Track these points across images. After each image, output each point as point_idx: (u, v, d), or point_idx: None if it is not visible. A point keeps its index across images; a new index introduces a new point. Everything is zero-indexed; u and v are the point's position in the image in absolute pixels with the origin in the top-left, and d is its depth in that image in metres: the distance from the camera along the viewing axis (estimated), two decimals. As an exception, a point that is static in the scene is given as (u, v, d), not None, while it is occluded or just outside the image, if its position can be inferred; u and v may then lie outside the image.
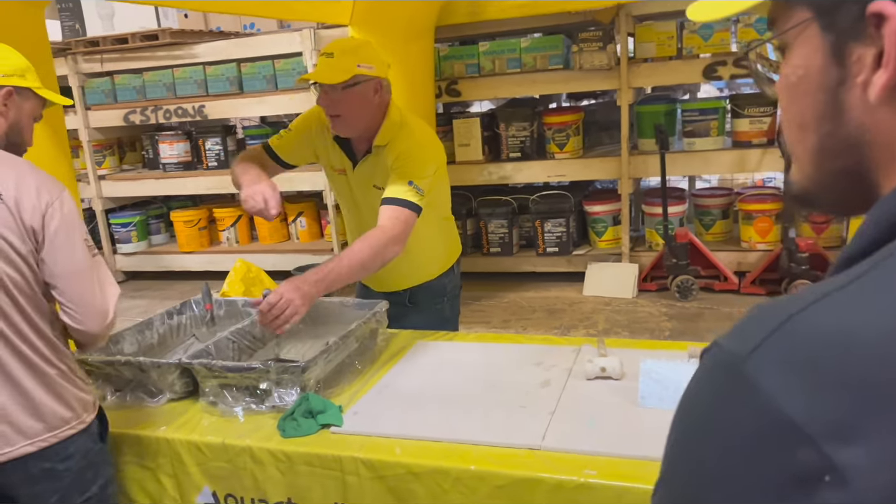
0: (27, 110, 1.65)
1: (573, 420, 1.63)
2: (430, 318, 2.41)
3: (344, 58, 2.06)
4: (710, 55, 4.63)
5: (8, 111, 1.60)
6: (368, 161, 2.22)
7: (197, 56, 5.56)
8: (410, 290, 2.39)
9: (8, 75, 1.59)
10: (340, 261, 2.01)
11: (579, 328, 4.33)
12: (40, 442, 1.56)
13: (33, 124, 1.70)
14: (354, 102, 2.09)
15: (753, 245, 4.83)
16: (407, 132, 2.18)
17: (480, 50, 5.05)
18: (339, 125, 2.15)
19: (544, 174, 5.20)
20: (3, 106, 1.58)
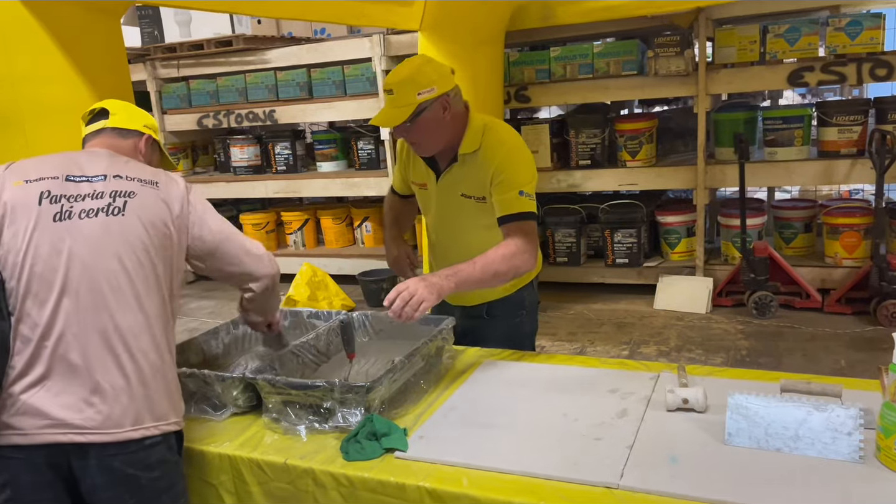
0: (154, 160, 1.88)
1: (653, 456, 1.52)
2: (509, 331, 2.33)
3: (403, 91, 2.02)
4: (796, 60, 4.40)
5: (146, 154, 1.84)
6: (453, 171, 2.17)
7: (268, 61, 5.63)
8: (488, 304, 2.31)
9: (149, 128, 1.87)
10: (474, 264, 1.98)
11: (650, 344, 4.17)
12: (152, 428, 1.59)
13: None
14: (427, 128, 2.06)
15: (839, 261, 4.56)
16: (495, 138, 2.12)
17: (551, 55, 4.94)
18: (421, 150, 2.17)
19: (615, 182, 5.04)
20: (145, 148, 1.84)
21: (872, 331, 4.07)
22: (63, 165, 1.66)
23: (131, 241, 1.61)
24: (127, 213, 1.62)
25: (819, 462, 1.45)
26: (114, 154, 1.74)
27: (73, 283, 1.55)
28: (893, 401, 1.37)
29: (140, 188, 1.67)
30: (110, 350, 1.55)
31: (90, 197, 1.62)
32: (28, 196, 1.59)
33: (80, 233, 1.57)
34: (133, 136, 1.82)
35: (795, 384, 1.60)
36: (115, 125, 1.80)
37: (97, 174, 1.65)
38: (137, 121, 1.84)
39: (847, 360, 3.75)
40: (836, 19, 4.34)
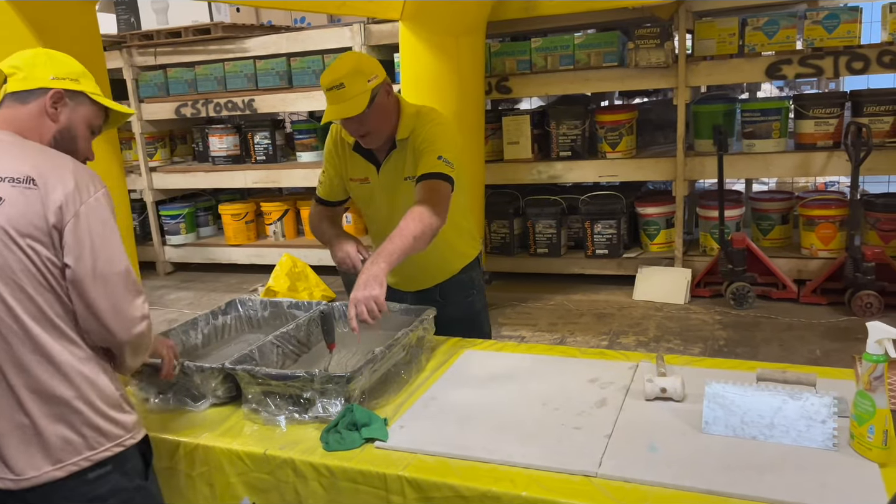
0: (81, 116, 1.56)
1: (632, 445, 1.54)
2: (463, 311, 2.40)
3: (355, 82, 2.03)
4: (774, 53, 4.44)
5: (58, 115, 1.52)
6: (393, 158, 2.20)
7: (248, 50, 5.57)
8: (440, 286, 2.37)
9: (60, 78, 1.52)
10: (391, 238, 1.98)
11: (629, 334, 4.20)
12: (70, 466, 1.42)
13: (90, 135, 1.60)
14: (378, 116, 2.11)
15: (815, 252, 4.62)
16: (425, 118, 2.20)
17: (533, 46, 4.93)
18: (371, 139, 2.16)
19: (595, 174, 5.06)
20: (53, 108, 1.51)
21: (847, 321, 4.13)
22: None
23: (3, 267, 1.36)
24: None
25: (794, 450, 1.48)
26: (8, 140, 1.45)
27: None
28: (867, 389, 1.39)
29: (10, 191, 1.37)
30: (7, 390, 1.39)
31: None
32: None
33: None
34: (35, 97, 1.49)
35: (771, 373, 1.63)
36: (13, 89, 1.49)
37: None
38: (40, 75, 1.50)
39: (822, 349, 3.81)
40: (813, 13, 4.38)
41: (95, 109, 1.59)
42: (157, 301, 5.44)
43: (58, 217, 1.38)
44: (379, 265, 1.91)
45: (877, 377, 1.38)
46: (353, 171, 2.29)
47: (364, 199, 2.32)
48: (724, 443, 1.53)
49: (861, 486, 1.35)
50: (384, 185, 2.24)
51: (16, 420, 1.40)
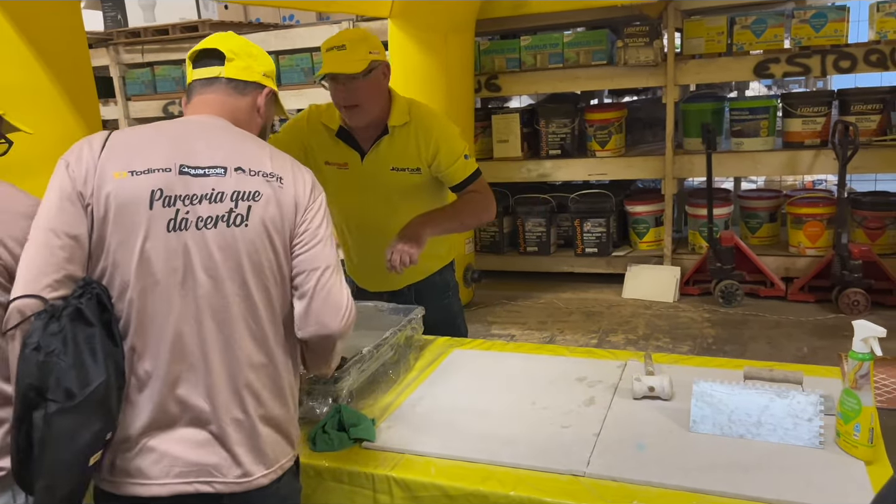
0: (271, 115, 1.56)
1: (620, 444, 1.54)
2: (440, 313, 2.36)
3: (357, 48, 2.04)
4: (762, 52, 4.45)
5: (264, 113, 1.50)
6: (382, 145, 2.18)
7: (236, 48, 5.53)
8: (415, 287, 2.35)
9: (268, 76, 1.50)
10: (444, 211, 2.20)
11: (618, 332, 4.21)
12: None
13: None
14: (371, 89, 2.09)
15: (802, 250, 4.65)
16: (425, 111, 2.22)
17: (522, 44, 4.93)
18: (357, 115, 2.12)
19: (585, 172, 5.07)
20: (265, 107, 1.50)
21: (834, 318, 4.15)
22: (175, 150, 1.33)
23: (256, 260, 1.32)
24: (251, 223, 1.32)
25: (781, 448, 1.48)
26: (230, 127, 1.41)
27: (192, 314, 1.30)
28: (853, 387, 1.40)
29: (264, 186, 1.34)
30: (235, 391, 1.32)
31: (208, 199, 1.31)
32: (137, 193, 1.28)
33: (198, 247, 1.29)
34: (251, 90, 1.47)
35: (758, 371, 1.63)
36: (233, 76, 1.45)
37: (215, 165, 1.33)
38: (257, 68, 1.48)
39: (810, 346, 3.82)
40: (801, 11, 4.40)
41: (277, 109, 1.59)
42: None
43: (299, 215, 1.38)
44: (424, 228, 2.08)
45: (863, 375, 1.38)
46: (331, 155, 2.23)
47: (338, 185, 2.24)
48: (711, 441, 1.53)
49: (847, 484, 1.35)
50: (367, 173, 2.20)
51: (238, 418, 1.32)
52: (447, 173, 2.20)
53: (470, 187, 2.22)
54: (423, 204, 2.20)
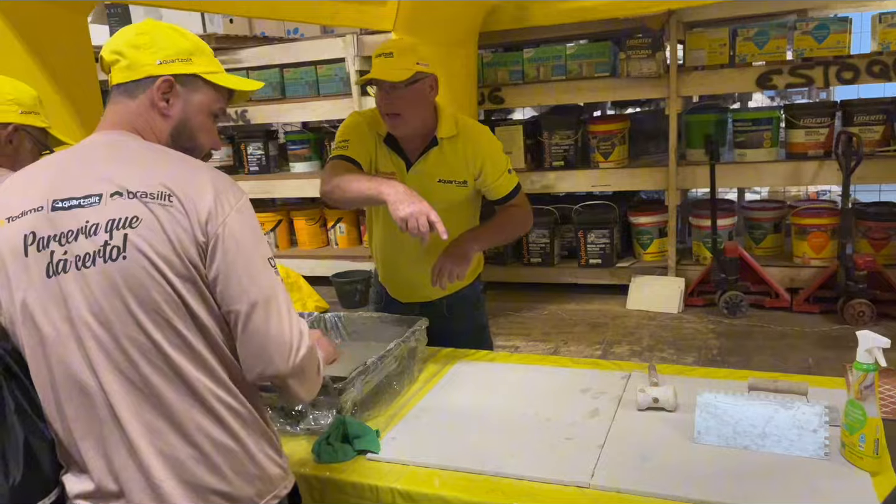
0: (197, 105, 1.29)
1: (624, 455, 1.53)
2: (469, 325, 2.40)
3: (404, 56, 2.05)
4: (765, 63, 4.46)
5: (170, 108, 1.26)
6: (431, 156, 2.18)
7: (241, 61, 5.57)
8: (447, 300, 2.34)
9: (168, 61, 1.24)
10: (490, 226, 2.28)
11: (623, 344, 4.20)
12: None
13: (213, 122, 1.34)
14: (415, 100, 2.09)
15: (807, 261, 4.64)
16: (472, 125, 2.25)
17: (525, 56, 4.96)
18: (399, 124, 2.12)
19: (588, 184, 5.08)
20: (164, 102, 1.25)
21: (839, 329, 4.14)
22: (51, 184, 1.19)
23: (146, 297, 1.14)
24: (129, 254, 1.13)
25: (786, 459, 1.48)
26: (121, 143, 1.22)
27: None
28: (857, 398, 1.40)
29: (144, 209, 1.14)
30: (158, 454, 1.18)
31: (84, 234, 1.15)
32: (13, 242, 1.17)
33: (82, 290, 1.15)
34: (142, 88, 1.24)
35: (763, 382, 1.63)
36: (119, 80, 1.25)
37: (89, 193, 1.16)
38: (146, 60, 1.24)
39: (815, 358, 3.81)
40: (803, 23, 4.42)
41: (214, 92, 1.31)
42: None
43: (199, 237, 1.15)
44: (472, 244, 2.15)
45: (867, 386, 1.38)
46: (381, 163, 2.22)
47: None
48: (716, 452, 1.52)
49: (853, 495, 1.35)
50: (412, 183, 2.15)
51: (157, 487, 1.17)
52: (492, 187, 2.24)
53: (512, 201, 2.28)
54: (462, 216, 2.24)
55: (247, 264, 1.18)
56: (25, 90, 1.68)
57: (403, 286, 2.34)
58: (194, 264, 1.16)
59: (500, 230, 2.31)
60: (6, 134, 1.63)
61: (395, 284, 2.37)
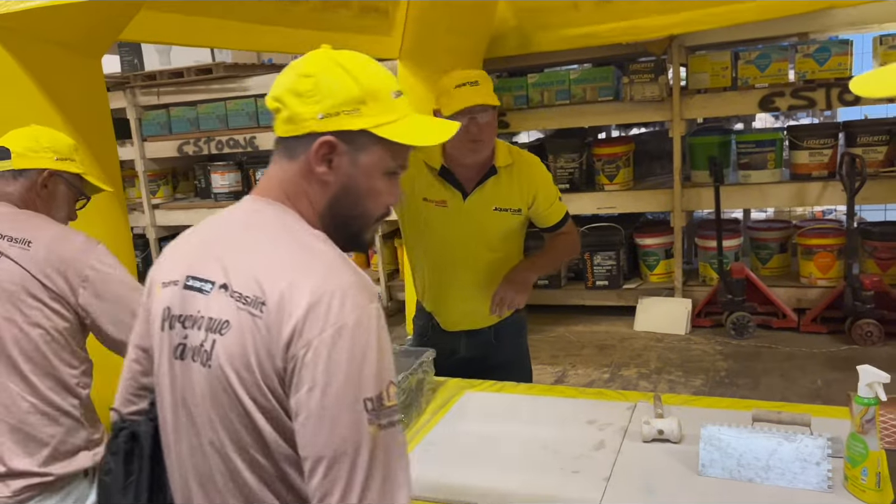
0: (364, 167, 1.09)
1: (629, 488, 1.55)
2: (515, 352, 2.44)
3: (487, 83, 2.14)
4: (768, 85, 4.50)
5: (332, 173, 1.08)
6: (489, 184, 2.21)
7: (249, 89, 5.65)
8: (495, 327, 2.34)
9: (330, 114, 1.04)
10: (544, 254, 2.37)
11: (630, 366, 4.21)
12: None
13: (389, 182, 1.12)
14: (493, 125, 2.17)
15: (814, 281, 4.64)
16: (524, 154, 2.31)
17: (529, 81, 5.01)
18: (480, 149, 2.16)
19: (594, 206, 5.11)
20: (324, 167, 1.07)
21: (847, 350, 4.14)
22: (193, 254, 1.14)
23: (223, 416, 1.03)
24: (213, 363, 1.03)
25: (789, 492, 1.49)
26: (250, 220, 1.10)
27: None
28: (859, 432, 1.41)
29: (236, 314, 1.00)
30: None
31: (195, 324, 1.09)
32: (156, 312, 1.15)
33: (186, 385, 1.10)
34: (303, 146, 1.07)
35: (767, 414, 1.65)
36: (281, 134, 1.10)
37: (207, 279, 1.07)
38: (308, 112, 1.05)
39: (823, 379, 3.81)
40: (804, 46, 4.46)
41: (391, 146, 1.08)
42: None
43: (282, 359, 0.96)
44: (530, 273, 2.23)
45: (868, 420, 1.40)
46: (430, 192, 2.23)
47: (433, 222, 2.25)
48: (720, 485, 1.54)
49: (856, 529, 1.36)
50: (468, 211, 2.21)
51: None
52: (544, 215, 2.30)
53: (562, 229, 2.35)
54: (514, 243, 2.31)
55: (325, 403, 0.93)
56: (62, 139, 1.81)
57: (453, 315, 2.34)
58: (275, 394, 0.97)
59: (554, 257, 2.40)
60: (41, 179, 1.75)
61: (445, 314, 2.36)
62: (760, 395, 3.61)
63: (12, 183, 1.73)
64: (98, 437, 1.73)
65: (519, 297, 2.14)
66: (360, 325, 0.94)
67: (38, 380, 1.63)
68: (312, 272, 0.98)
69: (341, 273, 0.98)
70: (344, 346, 0.93)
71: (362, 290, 0.97)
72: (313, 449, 0.93)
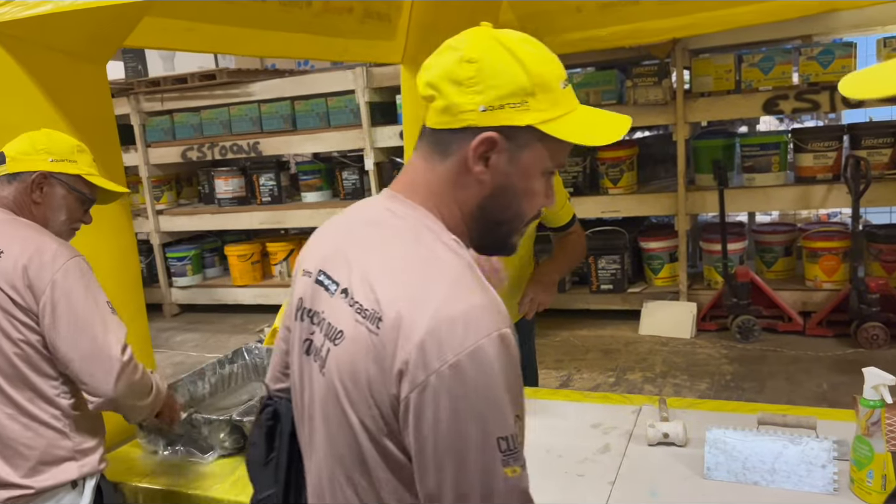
0: (524, 165, 0.98)
1: (634, 492, 1.55)
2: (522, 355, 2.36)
3: None
4: (771, 88, 4.50)
5: (489, 171, 0.96)
6: None
7: (252, 94, 5.67)
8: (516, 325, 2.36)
9: (494, 107, 0.93)
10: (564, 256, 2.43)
11: (636, 370, 4.20)
12: None
13: (545, 182, 1.02)
14: None
15: (819, 284, 4.63)
16: None
17: (532, 85, 5.01)
18: None
19: (598, 210, 5.10)
20: (481, 165, 0.96)
21: (853, 353, 4.12)
22: (329, 247, 1.09)
23: (336, 426, 0.99)
24: (327, 371, 0.99)
25: (795, 495, 1.49)
26: (379, 217, 1.01)
27: None
28: (865, 434, 1.41)
29: (353, 326, 0.93)
30: None
31: (319, 323, 1.06)
32: (293, 301, 1.14)
33: (312, 385, 1.08)
34: (458, 141, 0.96)
35: (772, 417, 1.64)
36: (434, 125, 0.99)
37: (333, 278, 1.02)
38: (469, 103, 0.93)
39: (829, 382, 3.80)
40: (808, 49, 4.46)
41: (554, 143, 0.98)
42: (164, 343, 5.47)
43: (396, 387, 0.88)
44: (555, 274, 2.32)
45: (874, 422, 1.39)
46: None
47: None
48: (726, 488, 1.54)
49: (863, 533, 1.36)
50: None
51: None
52: (557, 216, 2.35)
53: (571, 228, 2.41)
54: (525, 246, 2.35)
55: (441, 445, 0.84)
56: (61, 140, 1.76)
57: None
58: (386, 419, 0.89)
59: (571, 257, 2.46)
60: (34, 181, 1.70)
61: None
62: (766, 399, 3.59)
63: (6, 187, 1.69)
64: (89, 446, 1.67)
65: (547, 298, 2.19)
66: (485, 355, 0.84)
67: (14, 392, 1.59)
68: (435, 291, 0.87)
69: (467, 293, 0.87)
70: (467, 380, 0.83)
71: (488, 312, 0.86)
72: (436, 488, 0.85)
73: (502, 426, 0.84)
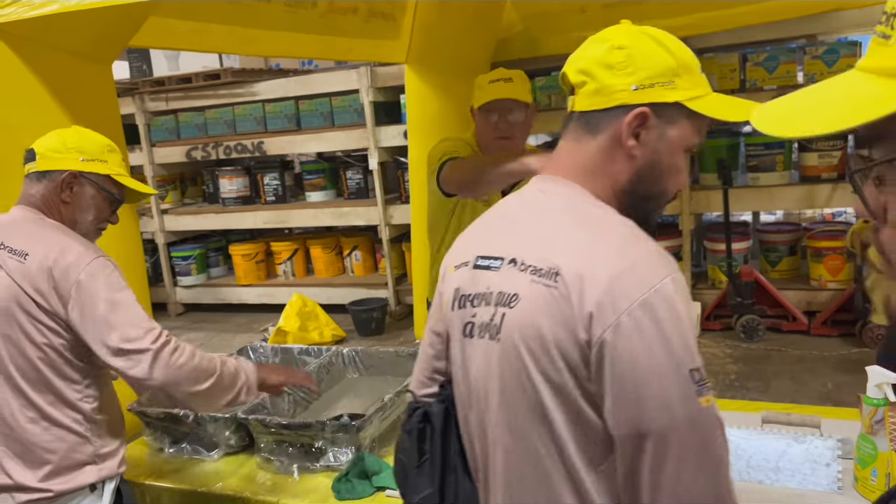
0: (672, 141, 1.05)
1: (639, 490, 1.55)
2: None
3: (523, 82, 2.15)
4: (776, 87, 4.50)
5: (640, 146, 1.03)
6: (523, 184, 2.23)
7: (256, 94, 5.69)
8: None
9: (645, 86, 1.02)
10: None
11: (639, 369, 4.20)
12: None
13: (685, 161, 1.10)
14: (525, 127, 2.19)
15: (824, 284, 4.62)
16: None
17: (537, 85, 5.01)
18: (508, 147, 2.17)
19: (602, 209, 5.10)
20: (633, 140, 1.02)
21: (858, 352, 4.11)
22: (482, 236, 1.15)
23: (511, 392, 1.00)
24: (503, 336, 1.00)
25: (799, 493, 1.49)
26: (537, 199, 1.07)
27: None
28: (868, 433, 1.41)
29: (528, 287, 0.96)
30: None
31: (484, 300, 1.09)
32: (448, 294, 1.15)
33: (478, 362, 1.10)
34: (608, 120, 1.03)
35: (776, 416, 1.64)
36: (585, 107, 1.04)
37: (496, 255, 1.06)
38: (621, 84, 1.01)
39: (834, 382, 3.79)
40: (813, 48, 4.45)
41: (697, 121, 1.07)
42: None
43: (586, 332, 0.91)
44: None
45: (878, 421, 1.39)
46: None
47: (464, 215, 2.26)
48: (730, 487, 1.54)
49: (867, 531, 1.36)
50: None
51: None
52: None
53: None
54: None
55: (640, 380, 0.88)
56: (93, 139, 1.73)
57: None
58: (572, 368, 0.92)
59: None
60: (64, 180, 1.67)
61: None
62: (770, 398, 3.59)
63: (35, 185, 1.67)
64: (110, 450, 1.66)
65: None
66: (668, 294, 0.90)
67: (37, 396, 1.58)
68: (610, 241, 0.95)
69: (642, 240, 0.96)
70: (657, 318, 0.88)
71: (663, 256, 0.94)
72: (636, 425, 0.88)
73: (692, 358, 0.90)
